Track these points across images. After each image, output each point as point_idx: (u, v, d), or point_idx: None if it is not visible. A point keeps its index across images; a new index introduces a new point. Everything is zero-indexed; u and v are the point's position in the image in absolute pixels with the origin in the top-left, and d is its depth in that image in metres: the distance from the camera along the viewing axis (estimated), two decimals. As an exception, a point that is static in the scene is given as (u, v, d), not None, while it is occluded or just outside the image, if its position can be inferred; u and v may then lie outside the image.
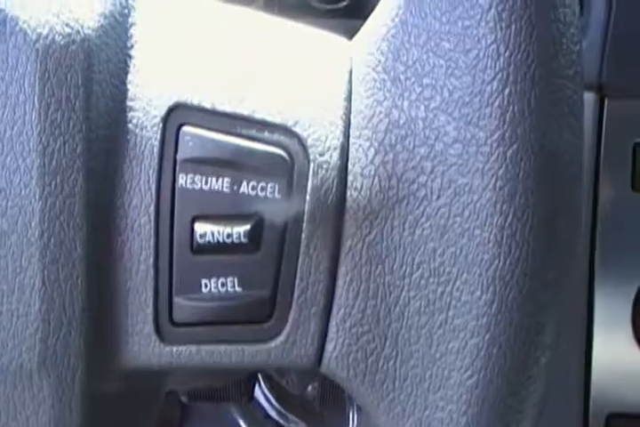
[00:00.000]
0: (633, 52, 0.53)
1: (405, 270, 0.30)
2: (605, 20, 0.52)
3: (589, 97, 0.53)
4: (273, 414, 0.94)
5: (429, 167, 0.30)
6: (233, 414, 0.95)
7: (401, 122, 0.30)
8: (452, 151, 0.29)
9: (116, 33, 0.31)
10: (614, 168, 0.54)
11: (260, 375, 0.91)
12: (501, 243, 0.29)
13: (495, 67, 0.28)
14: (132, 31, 0.31)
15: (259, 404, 0.93)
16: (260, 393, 0.93)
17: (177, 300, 0.31)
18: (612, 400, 0.56)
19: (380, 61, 0.30)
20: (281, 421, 0.95)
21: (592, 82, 0.53)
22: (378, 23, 0.31)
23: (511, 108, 0.28)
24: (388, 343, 0.31)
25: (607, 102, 0.53)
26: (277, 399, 0.94)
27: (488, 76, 0.28)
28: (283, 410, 0.95)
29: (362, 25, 0.32)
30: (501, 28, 0.28)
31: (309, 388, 0.95)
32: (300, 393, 0.93)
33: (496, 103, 0.28)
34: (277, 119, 0.31)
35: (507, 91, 0.28)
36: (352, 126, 0.31)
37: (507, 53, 0.28)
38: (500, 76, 0.28)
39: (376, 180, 0.30)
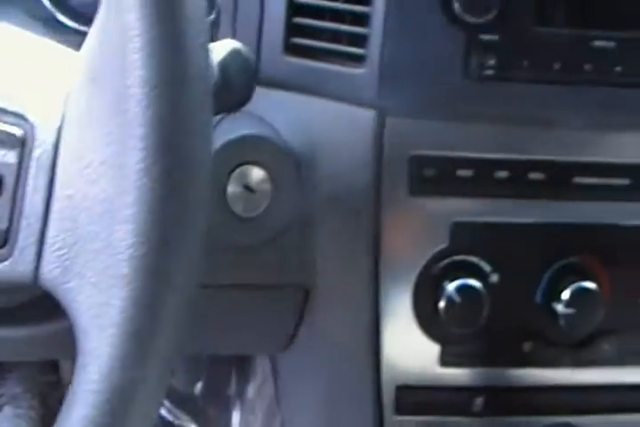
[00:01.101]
0: (404, 79, 0.62)
1: (91, 209, 0.43)
2: (381, 52, 0.61)
3: (372, 115, 0.62)
4: (163, 411, 1.00)
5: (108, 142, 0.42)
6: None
7: (89, 107, 0.43)
8: (137, 132, 0.41)
9: None
10: (394, 176, 0.62)
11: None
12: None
13: (138, 86, 0.41)
14: None
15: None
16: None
17: None
18: (399, 374, 0.65)
19: (87, 67, 0.44)
20: (170, 418, 1.00)
21: (373, 103, 0.62)
22: (88, 40, 0.44)
23: (154, 117, 0.41)
24: (77, 261, 0.43)
25: (387, 120, 0.62)
26: (167, 398, 0.99)
27: (133, 91, 0.41)
28: (172, 407, 0.99)
29: None
30: (149, 57, 0.41)
31: (197, 387, 0.99)
32: (186, 391, 0.98)
33: (143, 115, 0.41)
34: (18, 109, 0.45)
35: (150, 107, 0.41)
36: (66, 114, 0.44)
37: (149, 85, 0.41)
38: (142, 89, 0.41)
39: (73, 146, 0.43)
